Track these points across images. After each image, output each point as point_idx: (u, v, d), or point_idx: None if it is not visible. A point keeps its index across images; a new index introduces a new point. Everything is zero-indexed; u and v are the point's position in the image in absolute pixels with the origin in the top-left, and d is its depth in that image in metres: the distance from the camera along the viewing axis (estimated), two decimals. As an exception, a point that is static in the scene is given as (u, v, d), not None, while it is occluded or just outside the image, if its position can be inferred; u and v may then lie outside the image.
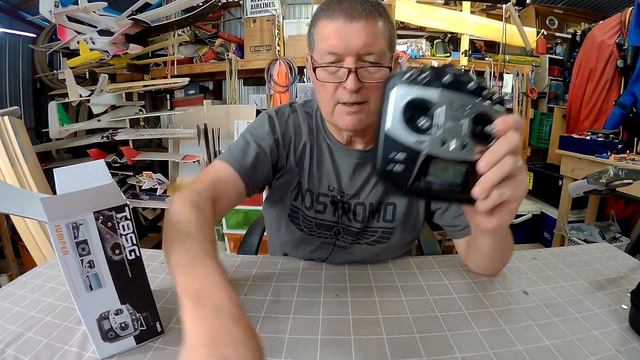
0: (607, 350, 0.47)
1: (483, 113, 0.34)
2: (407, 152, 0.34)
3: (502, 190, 0.35)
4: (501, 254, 0.62)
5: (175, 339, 0.49)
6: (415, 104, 0.34)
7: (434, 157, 0.34)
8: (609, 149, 1.96)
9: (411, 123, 0.34)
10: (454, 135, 0.34)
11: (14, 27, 2.68)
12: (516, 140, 0.35)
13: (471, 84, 0.34)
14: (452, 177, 0.35)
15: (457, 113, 0.34)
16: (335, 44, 0.60)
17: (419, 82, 0.33)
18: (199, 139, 2.29)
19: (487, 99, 0.34)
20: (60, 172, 0.50)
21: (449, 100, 0.33)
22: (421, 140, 0.34)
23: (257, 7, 2.76)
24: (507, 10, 2.65)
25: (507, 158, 0.34)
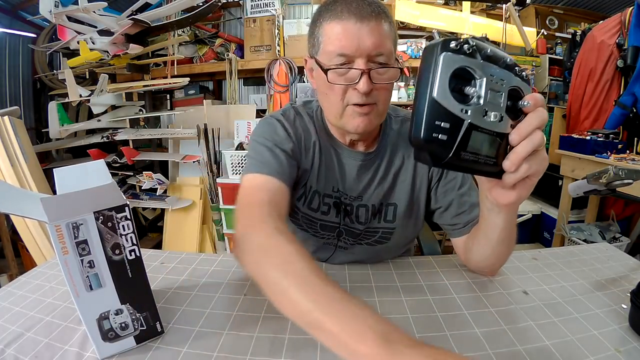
0: (607, 350, 0.47)
1: (516, 88, 0.36)
2: (451, 121, 0.34)
3: (530, 164, 0.38)
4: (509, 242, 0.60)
5: (175, 339, 0.49)
6: (460, 73, 0.34)
7: (475, 127, 0.35)
8: (609, 149, 1.96)
9: (455, 92, 0.34)
10: (493, 107, 0.35)
11: (14, 27, 2.68)
12: (545, 115, 0.37)
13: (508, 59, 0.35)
14: (488, 148, 0.37)
15: (496, 86, 0.35)
16: (346, 44, 0.58)
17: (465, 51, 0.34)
18: (199, 139, 2.29)
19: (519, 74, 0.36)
20: (60, 172, 0.50)
21: (490, 72, 0.34)
22: (465, 109, 0.34)
23: (257, 7, 2.76)
24: (507, 10, 2.65)
25: (537, 132, 0.37)
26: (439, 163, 0.36)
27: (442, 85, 0.33)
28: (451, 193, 0.72)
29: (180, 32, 2.67)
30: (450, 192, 0.72)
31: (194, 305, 0.58)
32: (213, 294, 0.60)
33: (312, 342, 0.49)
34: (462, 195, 0.71)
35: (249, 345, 0.48)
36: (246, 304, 0.58)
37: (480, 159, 0.37)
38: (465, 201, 0.71)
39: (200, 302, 0.58)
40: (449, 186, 0.72)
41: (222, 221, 2.19)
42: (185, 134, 2.34)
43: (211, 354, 0.46)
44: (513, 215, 0.54)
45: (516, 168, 0.38)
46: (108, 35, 2.17)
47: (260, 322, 0.53)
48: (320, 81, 0.64)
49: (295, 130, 0.72)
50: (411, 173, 0.74)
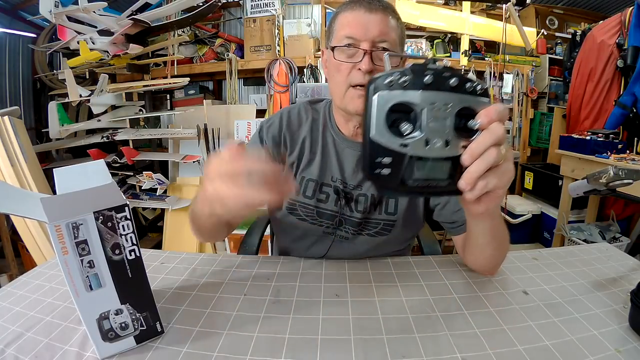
0: (607, 350, 0.47)
1: (466, 107, 0.34)
2: (392, 157, 0.35)
3: (487, 181, 0.37)
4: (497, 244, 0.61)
5: (175, 339, 0.49)
6: (397, 108, 0.34)
7: (418, 158, 0.35)
8: (609, 149, 1.96)
9: (394, 127, 0.34)
10: (436, 135, 0.35)
11: (14, 27, 2.68)
12: (499, 132, 0.35)
13: (453, 80, 0.34)
14: (438, 173, 0.36)
15: (440, 112, 0.34)
16: (354, 29, 0.67)
17: (400, 85, 0.34)
18: (199, 139, 2.29)
19: (471, 91, 0.34)
20: (60, 172, 0.50)
21: (430, 100, 0.34)
22: (405, 143, 0.35)
23: (257, 7, 2.76)
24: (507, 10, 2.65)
25: (491, 150, 0.35)
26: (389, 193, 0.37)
27: (378, 124, 0.34)
28: None
29: (180, 32, 2.67)
30: None
31: (194, 305, 0.58)
32: (213, 294, 0.60)
33: (312, 342, 0.49)
34: None
35: (249, 345, 0.48)
36: (246, 304, 0.58)
37: (432, 183, 0.37)
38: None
39: (200, 302, 0.58)
40: None
41: (222, 221, 2.18)
42: (185, 134, 2.34)
43: (211, 354, 0.46)
44: (492, 222, 0.55)
45: (471, 187, 0.37)
46: (108, 35, 2.17)
47: (260, 322, 0.53)
48: (330, 64, 0.72)
49: (280, 129, 0.79)
50: None
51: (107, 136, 2.38)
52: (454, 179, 0.36)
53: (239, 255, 0.79)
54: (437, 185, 0.37)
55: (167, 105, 3.12)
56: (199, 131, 2.28)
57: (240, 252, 0.99)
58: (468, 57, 2.94)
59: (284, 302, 0.58)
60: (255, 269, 0.70)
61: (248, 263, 0.72)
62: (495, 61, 2.98)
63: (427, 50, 3.05)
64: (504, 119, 0.36)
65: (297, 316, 0.55)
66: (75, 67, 2.32)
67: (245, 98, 3.23)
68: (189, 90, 3.02)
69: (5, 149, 1.84)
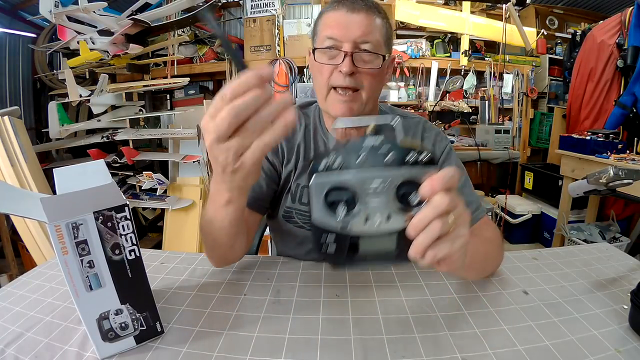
0: (607, 350, 0.47)
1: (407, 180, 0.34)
2: (335, 235, 0.36)
3: (436, 250, 0.35)
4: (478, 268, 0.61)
5: (175, 339, 0.49)
6: (335, 190, 0.34)
7: (361, 235, 0.35)
8: (609, 149, 1.96)
9: (334, 207, 0.34)
10: (376, 211, 0.34)
11: (14, 27, 2.68)
12: (442, 204, 0.34)
13: (389, 157, 0.33)
14: (385, 245, 0.36)
15: (377, 189, 0.34)
16: (335, 30, 0.65)
17: (335, 168, 0.34)
18: (199, 139, 2.29)
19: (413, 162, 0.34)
20: (60, 172, 0.50)
21: (365, 179, 0.34)
22: (345, 221, 0.35)
23: (257, 7, 2.76)
24: (507, 10, 2.65)
25: (434, 223, 0.34)
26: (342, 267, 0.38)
27: (318, 207, 0.35)
28: None
29: (180, 32, 2.67)
30: None
31: (194, 305, 0.58)
32: (213, 294, 0.60)
33: (312, 342, 0.49)
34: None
35: (249, 345, 0.48)
36: (246, 304, 0.58)
37: (380, 254, 0.37)
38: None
39: (200, 302, 0.58)
40: None
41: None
42: (185, 134, 2.34)
43: (211, 354, 0.46)
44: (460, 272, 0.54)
45: (421, 256, 0.35)
46: (108, 35, 2.17)
47: (260, 322, 0.53)
48: (312, 65, 0.70)
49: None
50: None
51: (107, 136, 2.38)
52: (404, 248, 0.35)
53: (239, 255, 0.79)
54: (387, 256, 0.37)
55: (167, 105, 3.12)
56: (199, 131, 2.28)
57: (240, 252, 0.99)
58: (468, 57, 2.94)
59: (284, 302, 0.58)
60: (255, 269, 0.70)
61: (248, 263, 0.72)
62: (495, 61, 2.98)
63: (427, 51, 3.05)
64: (452, 186, 0.35)
65: (297, 316, 0.55)
66: (75, 67, 2.32)
67: (245, 98, 3.23)
68: (189, 90, 3.02)
69: (5, 149, 1.84)
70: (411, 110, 2.80)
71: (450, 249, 0.36)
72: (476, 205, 0.71)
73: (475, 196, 0.73)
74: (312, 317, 0.54)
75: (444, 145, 0.77)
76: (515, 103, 3.03)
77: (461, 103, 2.88)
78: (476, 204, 0.71)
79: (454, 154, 0.78)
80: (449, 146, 0.78)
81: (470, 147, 2.59)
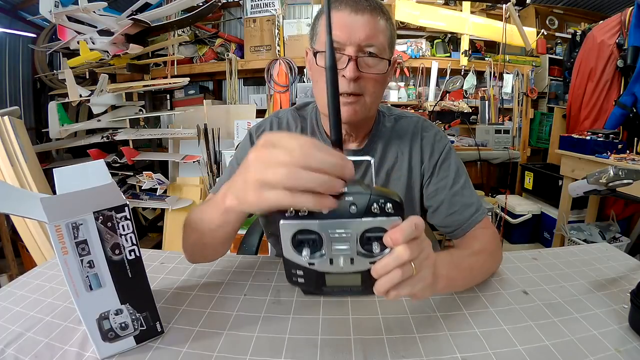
0: (607, 350, 0.47)
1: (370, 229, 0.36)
2: (303, 271, 0.39)
3: (398, 291, 0.37)
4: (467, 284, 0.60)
5: (175, 339, 0.49)
6: (301, 233, 0.37)
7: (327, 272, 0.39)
8: (609, 149, 1.96)
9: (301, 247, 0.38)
10: (339, 255, 0.37)
11: (14, 27, 2.68)
12: (404, 256, 0.35)
13: (352, 208, 0.35)
14: (350, 281, 0.39)
15: (340, 237, 0.36)
16: (338, 33, 0.60)
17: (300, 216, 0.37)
18: (199, 139, 2.29)
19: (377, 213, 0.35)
20: (60, 172, 0.50)
21: (328, 228, 0.36)
22: (311, 261, 0.38)
23: (257, 7, 2.76)
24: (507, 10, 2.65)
25: (395, 271, 0.36)
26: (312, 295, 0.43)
27: (286, 246, 0.38)
28: (442, 192, 0.71)
29: (180, 32, 2.67)
30: (442, 191, 0.72)
31: (194, 305, 0.58)
32: (213, 294, 0.60)
33: (312, 342, 0.49)
34: (454, 195, 0.71)
35: (249, 345, 0.48)
36: (246, 304, 0.58)
37: (346, 289, 0.40)
38: (457, 201, 0.70)
39: (200, 302, 0.58)
40: (440, 185, 0.72)
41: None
42: (185, 134, 2.34)
43: (211, 354, 0.46)
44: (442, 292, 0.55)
45: (385, 295, 0.38)
46: (108, 35, 2.17)
47: (260, 322, 0.53)
48: (313, 69, 0.66)
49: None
50: (406, 170, 0.74)
51: (107, 136, 2.38)
52: (369, 284, 0.38)
53: (239, 255, 0.79)
54: (353, 290, 0.40)
55: (167, 105, 3.12)
56: (199, 131, 2.28)
57: (240, 252, 0.99)
58: (468, 57, 2.94)
59: (284, 302, 0.58)
60: (255, 269, 0.70)
61: (248, 263, 0.72)
62: (495, 61, 2.99)
63: (427, 51, 3.05)
64: (416, 235, 0.36)
65: (297, 316, 0.55)
66: (75, 67, 2.32)
67: (245, 98, 3.24)
68: (189, 90, 3.02)
69: (5, 149, 1.84)
70: (411, 110, 2.80)
71: (412, 290, 0.38)
72: (476, 207, 0.70)
73: (475, 197, 0.72)
74: (312, 317, 0.54)
75: (443, 145, 0.76)
76: (515, 103, 3.03)
77: (461, 103, 2.88)
78: (476, 205, 0.70)
79: (453, 153, 0.76)
80: (448, 145, 0.76)
81: (470, 147, 2.59)
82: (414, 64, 2.99)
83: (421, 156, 0.75)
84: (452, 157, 0.75)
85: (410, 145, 0.76)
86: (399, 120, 0.78)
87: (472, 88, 2.99)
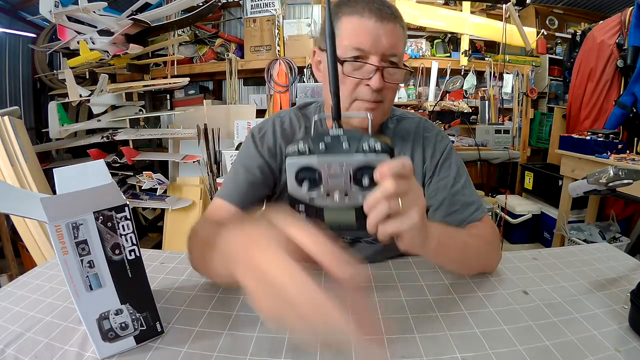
0: (607, 350, 0.47)
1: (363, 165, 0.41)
2: (304, 205, 0.44)
3: (386, 226, 0.40)
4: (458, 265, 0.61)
5: (175, 339, 0.49)
6: (303, 170, 0.43)
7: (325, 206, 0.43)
8: (609, 149, 1.96)
9: (303, 184, 0.43)
10: (335, 189, 0.42)
11: (14, 27, 2.68)
12: (390, 188, 0.38)
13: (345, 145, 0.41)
14: (346, 218, 0.44)
15: (336, 171, 0.41)
16: (364, 40, 0.60)
17: (302, 152, 0.42)
18: (199, 139, 2.29)
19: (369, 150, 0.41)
20: (60, 172, 0.50)
21: (325, 163, 0.41)
22: (311, 195, 0.43)
23: (257, 7, 2.76)
24: (507, 10, 2.65)
25: (382, 203, 0.39)
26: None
27: (291, 182, 0.43)
28: (443, 191, 0.72)
29: (180, 32, 2.67)
30: (442, 190, 0.72)
31: (194, 305, 0.58)
32: (213, 294, 0.60)
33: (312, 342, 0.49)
34: (455, 194, 0.71)
35: (249, 345, 0.48)
36: (246, 304, 0.58)
37: (342, 225, 0.45)
38: (457, 200, 0.71)
39: (200, 302, 0.58)
40: (441, 184, 0.72)
41: (222, 221, 2.18)
42: (185, 134, 2.34)
43: (211, 354, 0.46)
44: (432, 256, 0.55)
45: (374, 231, 0.41)
46: (108, 35, 2.17)
47: (260, 322, 0.53)
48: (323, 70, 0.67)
49: (272, 140, 0.74)
50: None
51: (107, 136, 2.38)
52: (363, 222, 0.43)
53: (239, 255, 0.79)
54: (349, 227, 0.45)
55: (167, 105, 3.12)
56: (199, 131, 2.28)
57: (240, 252, 0.98)
58: (468, 57, 2.95)
59: (284, 302, 0.58)
60: (255, 269, 0.70)
61: (248, 263, 0.72)
62: (495, 61, 2.99)
63: (427, 51, 3.05)
64: (404, 174, 0.39)
65: (297, 316, 0.54)
66: (75, 67, 2.32)
67: (245, 98, 3.24)
68: (189, 90, 3.02)
69: (5, 149, 1.84)
70: (411, 110, 2.80)
71: (399, 227, 0.41)
72: (476, 206, 0.71)
73: (475, 197, 0.73)
74: (312, 317, 0.54)
75: (444, 145, 0.76)
76: (515, 103, 3.03)
77: (461, 103, 2.88)
78: (476, 204, 0.71)
79: (454, 153, 0.77)
80: (449, 146, 0.77)
81: (470, 147, 2.59)
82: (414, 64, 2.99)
83: (423, 156, 0.76)
84: (453, 156, 0.76)
85: (412, 145, 0.76)
86: (401, 121, 0.78)
87: (472, 88, 2.99)
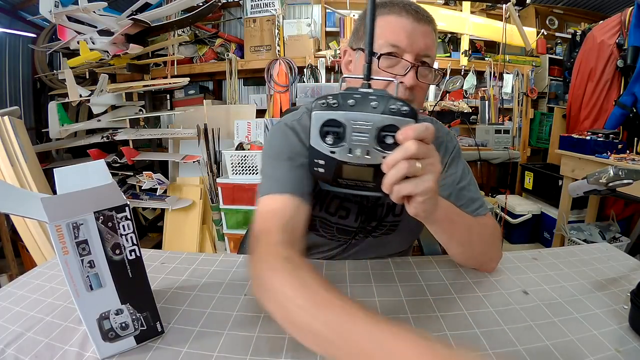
0: (607, 350, 0.47)
1: (388, 125, 0.42)
2: (324, 160, 0.45)
3: (401, 187, 0.42)
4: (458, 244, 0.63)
5: (175, 339, 0.49)
6: (328, 124, 0.43)
7: (344, 162, 0.44)
8: (609, 149, 1.96)
9: (326, 138, 0.43)
10: (358, 146, 0.43)
11: (14, 27, 2.68)
12: (411, 149, 0.40)
13: (373, 104, 0.42)
14: (364, 175, 0.44)
15: (361, 128, 0.42)
16: (401, 38, 0.61)
17: (330, 106, 0.43)
18: (199, 139, 2.29)
19: (394, 112, 0.41)
20: (60, 172, 0.50)
21: (352, 119, 0.42)
22: (333, 150, 0.44)
23: (257, 7, 2.76)
24: (507, 10, 2.65)
25: (402, 163, 0.40)
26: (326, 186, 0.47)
27: (315, 134, 0.44)
28: (450, 186, 0.72)
29: (180, 32, 2.67)
30: (450, 186, 0.73)
31: (194, 305, 0.58)
32: (213, 294, 0.60)
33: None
34: (461, 190, 0.72)
35: (249, 345, 0.48)
36: (246, 304, 0.58)
37: (358, 183, 0.45)
38: (464, 195, 0.71)
39: (200, 302, 0.58)
40: (449, 180, 0.73)
41: (222, 221, 2.19)
42: (185, 134, 2.34)
43: (211, 354, 0.46)
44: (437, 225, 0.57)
45: (389, 191, 0.42)
46: (108, 35, 2.17)
47: (260, 322, 0.53)
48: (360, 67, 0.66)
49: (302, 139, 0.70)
50: None
51: (107, 136, 2.38)
52: (379, 181, 0.43)
53: (239, 255, 0.79)
54: (365, 185, 0.45)
55: (167, 105, 3.12)
56: (199, 131, 2.28)
57: (240, 252, 0.99)
58: (468, 57, 2.94)
59: (284, 302, 0.58)
60: (256, 269, 0.70)
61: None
62: (495, 61, 2.98)
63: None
64: (425, 137, 0.41)
65: (297, 316, 0.54)
66: (75, 67, 2.32)
67: (245, 98, 3.23)
68: (189, 90, 3.02)
69: (5, 149, 1.84)
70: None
71: (414, 189, 0.41)
72: (481, 202, 0.71)
73: (479, 195, 0.74)
74: (312, 317, 0.54)
75: (453, 145, 0.78)
76: (515, 103, 3.03)
77: (461, 103, 2.88)
78: (481, 202, 0.72)
79: (461, 153, 0.78)
80: (457, 146, 0.78)
81: (470, 147, 2.59)
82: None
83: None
84: (461, 156, 0.78)
85: None
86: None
87: (472, 88, 2.98)
